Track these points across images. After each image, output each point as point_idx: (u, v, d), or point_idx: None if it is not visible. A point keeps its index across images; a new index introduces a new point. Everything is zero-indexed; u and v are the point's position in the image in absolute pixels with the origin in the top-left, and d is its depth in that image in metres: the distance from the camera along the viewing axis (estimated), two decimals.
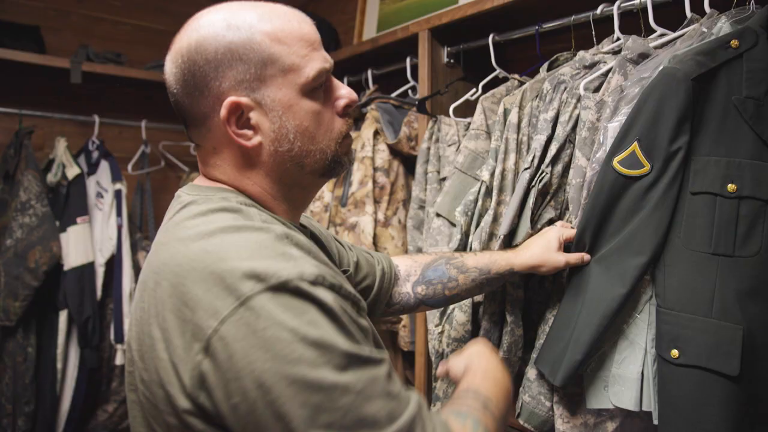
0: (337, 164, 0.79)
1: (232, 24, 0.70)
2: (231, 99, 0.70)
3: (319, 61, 0.73)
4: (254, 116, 0.72)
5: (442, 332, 1.30)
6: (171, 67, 0.72)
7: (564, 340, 1.14)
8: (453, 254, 1.17)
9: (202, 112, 0.72)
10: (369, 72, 1.96)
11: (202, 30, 0.70)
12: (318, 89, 0.74)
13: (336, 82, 0.79)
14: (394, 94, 1.86)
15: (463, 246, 1.31)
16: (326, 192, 1.85)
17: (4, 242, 1.99)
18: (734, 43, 1.03)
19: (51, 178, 2.15)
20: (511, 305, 1.27)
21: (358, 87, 2.05)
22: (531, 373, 1.26)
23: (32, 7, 2.35)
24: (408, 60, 1.78)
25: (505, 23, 1.53)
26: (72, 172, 2.12)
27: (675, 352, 1.03)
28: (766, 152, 1.02)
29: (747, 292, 1.01)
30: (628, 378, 1.09)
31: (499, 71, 1.57)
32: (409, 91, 1.84)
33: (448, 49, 1.69)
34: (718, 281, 1.02)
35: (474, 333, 1.29)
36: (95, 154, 2.28)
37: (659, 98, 1.02)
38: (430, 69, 1.65)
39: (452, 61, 1.69)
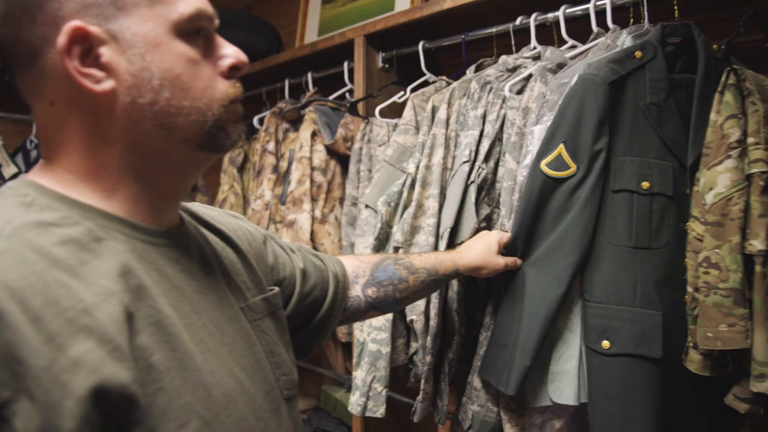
0: (221, 133, 0.61)
1: None
2: (74, 23, 0.53)
3: (198, 1, 0.59)
4: (107, 53, 0.55)
5: (363, 321, 1.32)
6: None
7: (509, 347, 1.17)
8: (399, 255, 1.13)
9: (32, 45, 0.54)
10: (309, 75, 1.98)
11: None
12: (196, 36, 0.59)
13: (222, 40, 0.63)
14: (332, 97, 1.88)
15: (385, 235, 1.33)
16: (267, 190, 1.85)
17: None
18: (638, 54, 1.12)
19: None
20: (458, 303, 1.30)
21: (299, 90, 2.06)
22: (476, 382, 1.28)
23: None
24: (345, 64, 1.81)
25: (436, 31, 1.60)
26: (9, 171, 2.04)
27: (606, 343, 1.10)
28: (667, 153, 1.14)
29: (662, 280, 1.11)
30: (567, 373, 1.14)
31: (429, 76, 1.63)
32: (347, 94, 1.87)
33: (383, 54, 1.74)
34: (639, 272, 1.11)
35: (394, 321, 1.30)
36: (33, 153, 2.20)
37: (580, 102, 1.10)
38: (365, 73, 1.68)
39: (386, 65, 1.73)
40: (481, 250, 1.13)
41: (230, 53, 0.62)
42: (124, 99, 0.56)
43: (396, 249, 1.32)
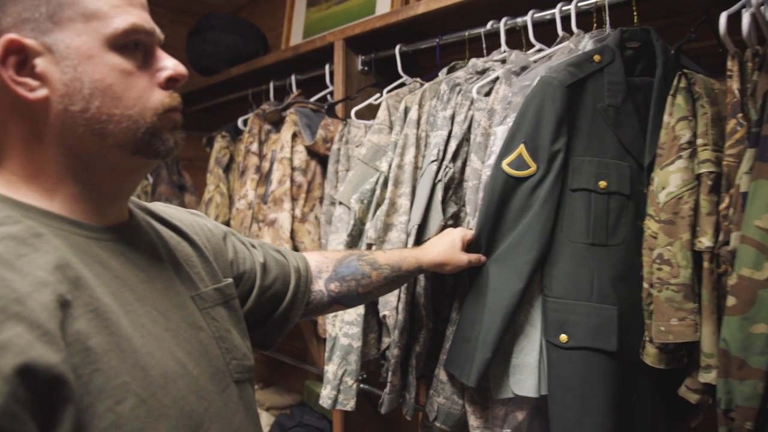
0: (155, 139, 0.65)
1: None
2: (10, 36, 0.57)
3: (135, 17, 0.62)
4: (41, 63, 0.59)
5: (335, 316, 1.35)
6: None
7: (472, 341, 1.20)
8: (363, 251, 1.17)
9: None
10: (293, 77, 2.01)
11: None
12: (133, 49, 0.63)
13: (163, 53, 0.67)
14: (313, 99, 1.92)
15: (358, 232, 1.37)
16: (250, 190, 1.89)
17: None
18: (596, 57, 1.15)
19: None
20: (425, 298, 1.32)
21: (284, 91, 2.09)
22: (442, 375, 1.32)
23: None
24: (327, 67, 1.84)
25: (414, 35, 1.65)
26: None
27: (564, 337, 1.13)
28: (625, 154, 1.17)
29: (618, 276, 1.15)
30: (527, 366, 1.18)
31: (405, 78, 1.65)
32: (329, 96, 1.91)
33: (362, 57, 1.76)
34: (596, 268, 1.14)
35: (366, 316, 1.33)
36: None
37: (540, 103, 1.14)
38: (344, 75, 1.72)
39: (366, 68, 1.76)
40: (445, 247, 1.17)
41: (169, 66, 0.66)
42: (57, 106, 0.60)
43: (369, 246, 1.35)
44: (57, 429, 0.48)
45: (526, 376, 1.18)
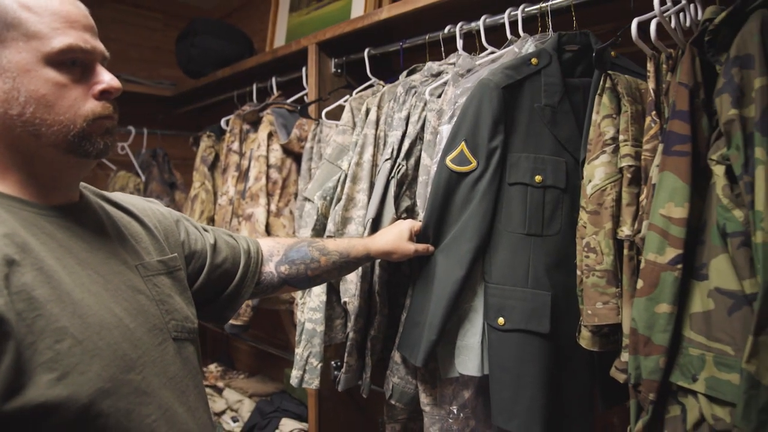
0: (85, 141, 0.75)
1: None
2: None
3: (72, 38, 0.72)
4: None
5: (304, 303, 1.44)
6: None
7: (420, 325, 1.29)
8: (315, 239, 1.27)
9: None
10: (273, 79, 2.10)
11: None
12: (70, 66, 0.73)
13: (102, 69, 0.77)
14: (290, 100, 2.01)
15: (321, 226, 1.45)
16: (231, 187, 1.98)
17: None
18: (534, 61, 1.22)
19: None
20: (380, 286, 1.39)
21: (265, 93, 2.17)
22: (397, 356, 1.41)
23: None
24: (303, 69, 1.93)
25: (383, 39, 1.70)
26: None
27: (501, 320, 1.22)
28: (561, 150, 1.26)
29: (553, 264, 1.23)
30: (471, 348, 1.26)
31: (373, 80, 1.72)
32: (305, 97, 1.99)
33: (335, 60, 1.84)
34: (531, 257, 1.23)
35: (328, 303, 1.42)
36: None
37: (478, 104, 1.23)
38: (317, 78, 1.81)
39: (339, 70, 1.83)
40: (393, 237, 1.26)
41: (104, 80, 0.76)
42: None
43: (329, 238, 1.43)
44: (0, 359, 0.60)
45: (469, 357, 1.26)
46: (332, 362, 1.66)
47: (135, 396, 0.73)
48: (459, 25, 1.48)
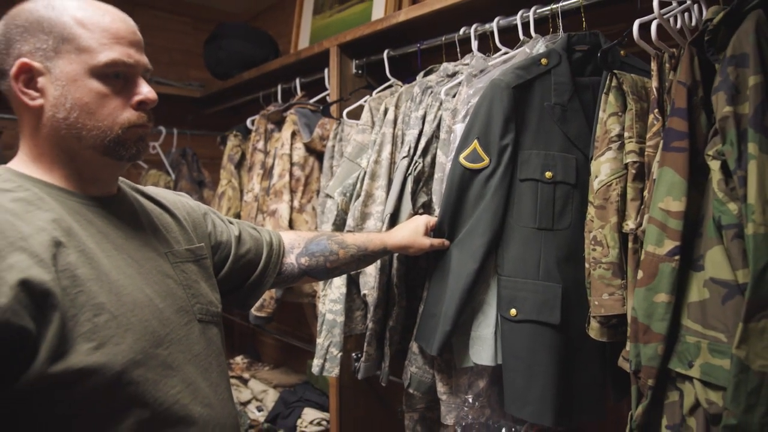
0: (120, 146, 0.84)
1: (50, 4, 0.82)
2: (23, 60, 0.80)
3: (117, 53, 0.82)
4: (42, 81, 0.81)
5: (325, 295, 1.51)
6: None
7: (436, 316, 1.36)
8: (334, 233, 1.37)
9: (4, 68, 0.82)
10: (297, 81, 2.18)
11: (27, 4, 0.82)
12: (113, 78, 0.83)
13: (142, 82, 0.87)
14: (313, 100, 2.09)
15: (341, 221, 1.52)
16: (256, 184, 2.07)
17: None
18: (544, 61, 1.27)
19: None
20: (398, 279, 1.46)
21: (289, 93, 2.25)
22: (414, 347, 1.49)
23: None
24: (326, 71, 2.00)
25: (402, 41, 1.80)
26: None
27: (513, 311, 1.28)
28: (571, 147, 1.32)
29: (564, 257, 1.28)
30: (485, 338, 1.33)
31: (392, 81, 1.78)
32: (327, 98, 2.06)
33: (356, 61, 1.91)
34: (542, 250, 1.28)
35: (348, 295, 1.48)
36: None
37: (489, 103, 1.30)
38: (339, 78, 1.89)
39: (359, 71, 1.90)
40: (409, 232, 1.33)
41: (142, 92, 0.86)
42: (48, 113, 0.82)
43: (349, 232, 1.51)
44: (47, 327, 0.70)
45: (483, 347, 1.32)
46: (352, 354, 1.73)
47: (162, 369, 0.82)
48: (474, 26, 1.54)
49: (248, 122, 2.35)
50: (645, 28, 1.11)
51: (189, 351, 0.88)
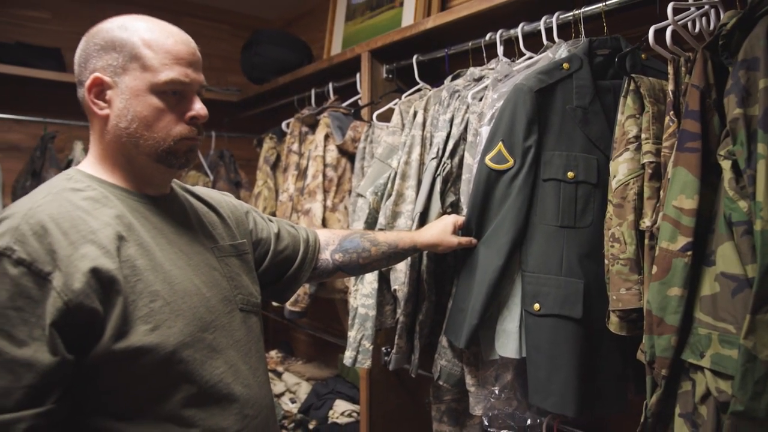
0: (171, 156, 0.94)
1: (123, 25, 0.93)
2: (96, 74, 0.91)
3: (176, 73, 0.92)
4: (110, 93, 0.92)
5: (357, 290, 1.59)
6: (80, 45, 0.96)
7: (464, 311, 1.45)
8: (367, 231, 1.46)
9: (80, 80, 0.94)
10: (330, 85, 2.27)
11: (105, 24, 0.94)
12: (170, 95, 0.93)
13: (196, 99, 0.97)
14: (345, 104, 2.18)
15: (373, 219, 1.60)
16: (291, 185, 2.17)
17: None
18: (565, 65, 1.33)
19: None
20: (427, 275, 1.53)
21: (322, 97, 2.35)
22: (444, 341, 1.58)
23: (55, 32, 2.71)
24: (357, 75, 2.08)
25: (431, 46, 1.87)
26: None
27: (537, 306, 1.35)
28: (593, 148, 1.38)
29: (585, 254, 1.35)
30: (510, 332, 1.40)
31: (421, 84, 1.86)
32: (359, 101, 2.15)
33: (386, 66, 1.99)
34: (564, 247, 1.35)
35: (379, 290, 1.56)
36: None
37: (513, 107, 1.37)
38: (370, 83, 1.97)
39: (390, 76, 1.99)
40: (438, 230, 1.42)
41: (195, 108, 0.96)
42: (113, 122, 0.93)
43: (380, 231, 1.59)
44: (112, 309, 0.83)
45: (508, 340, 1.40)
46: (382, 348, 1.81)
47: (208, 351, 0.94)
48: (499, 32, 1.61)
49: (283, 125, 2.46)
50: (661, 33, 1.16)
51: (231, 336, 0.99)
